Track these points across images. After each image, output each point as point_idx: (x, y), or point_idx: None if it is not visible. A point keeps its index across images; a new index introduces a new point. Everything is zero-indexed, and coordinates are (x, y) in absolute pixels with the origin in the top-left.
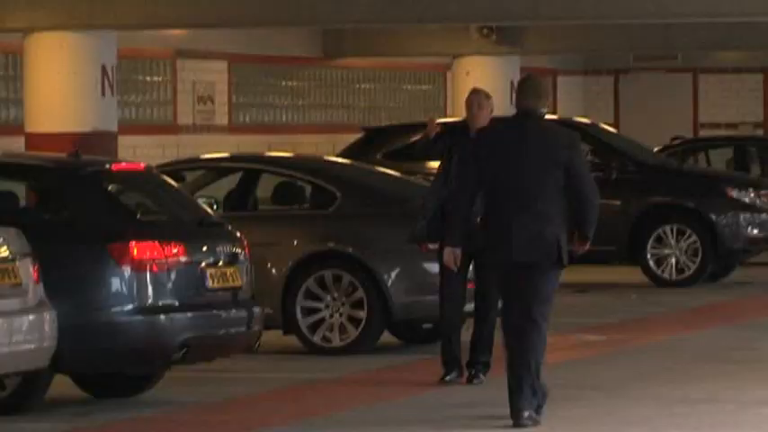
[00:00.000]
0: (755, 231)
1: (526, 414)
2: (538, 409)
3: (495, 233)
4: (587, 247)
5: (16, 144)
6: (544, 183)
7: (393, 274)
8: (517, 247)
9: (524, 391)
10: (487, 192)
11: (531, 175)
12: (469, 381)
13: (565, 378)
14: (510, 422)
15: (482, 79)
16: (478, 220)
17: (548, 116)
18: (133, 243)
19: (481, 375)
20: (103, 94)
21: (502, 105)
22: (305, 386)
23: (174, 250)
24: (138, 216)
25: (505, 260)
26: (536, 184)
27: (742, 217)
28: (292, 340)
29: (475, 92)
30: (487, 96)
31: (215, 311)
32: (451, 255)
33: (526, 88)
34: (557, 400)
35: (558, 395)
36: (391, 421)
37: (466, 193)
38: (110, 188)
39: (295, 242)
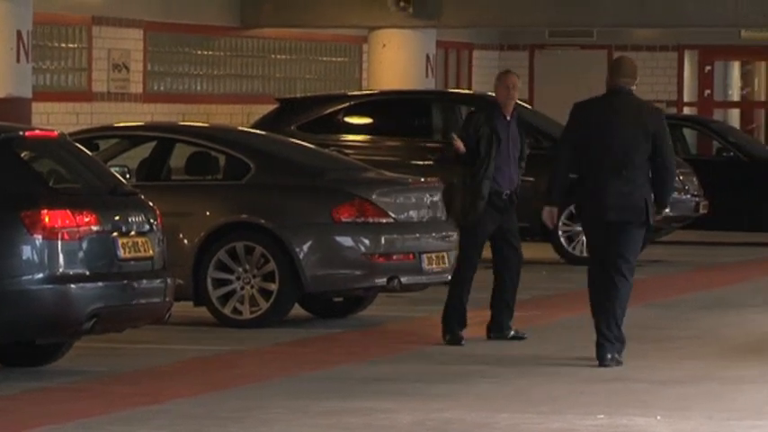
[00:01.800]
0: (667, 210)
1: (609, 356)
2: (620, 353)
3: (589, 195)
4: (663, 213)
5: None
6: (633, 151)
7: (305, 247)
8: (610, 207)
9: (609, 337)
10: (583, 158)
11: (622, 144)
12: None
13: (476, 354)
14: (408, 396)
15: (398, 52)
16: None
17: (461, 90)
18: (45, 211)
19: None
20: (18, 59)
21: (418, 79)
22: (214, 358)
23: (86, 219)
24: (51, 184)
25: (599, 219)
26: (626, 152)
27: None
28: (203, 312)
29: (509, 73)
30: (518, 76)
31: (126, 282)
32: (549, 213)
33: (619, 67)
34: (466, 376)
35: (467, 371)
36: (299, 394)
37: (562, 158)
38: (22, 155)
39: (207, 213)
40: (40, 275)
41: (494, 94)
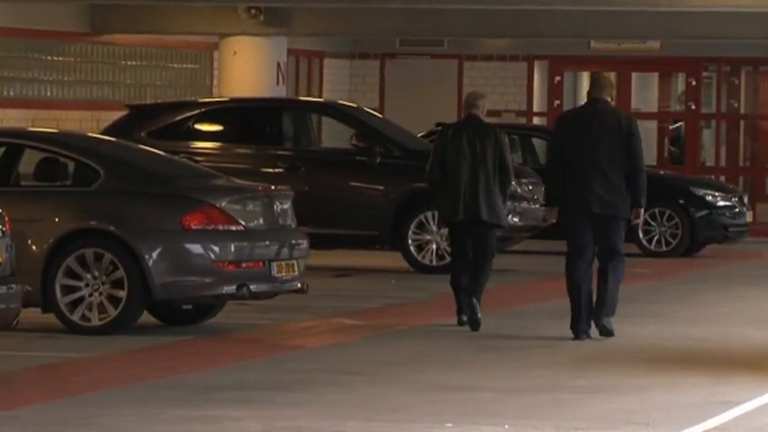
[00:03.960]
0: (516, 220)
1: (605, 320)
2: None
3: (574, 192)
4: (642, 215)
5: None
6: (610, 153)
7: (154, 254)
8: (593, 201)
9: (608, 305)
10: (567, 160)
11: (601, 147)
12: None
13: (324, 362)
14: (257, 403)
15: (249, 59)
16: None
17: (311, 98)
18: None
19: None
20: None
21: (269, 86)
22: (63, 365)
23: None
24: None
25: (584, 213)
26: (604, 154)
27: None
28: (51, 318)
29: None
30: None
31: None
32: (549, 212)
33: (597, 83)
34: (316, 383)
35: (317, 379)
36: (148, 401)
37: (553, 164)
38: None
39: (56, 219)
40: None
41: (344, 103)
